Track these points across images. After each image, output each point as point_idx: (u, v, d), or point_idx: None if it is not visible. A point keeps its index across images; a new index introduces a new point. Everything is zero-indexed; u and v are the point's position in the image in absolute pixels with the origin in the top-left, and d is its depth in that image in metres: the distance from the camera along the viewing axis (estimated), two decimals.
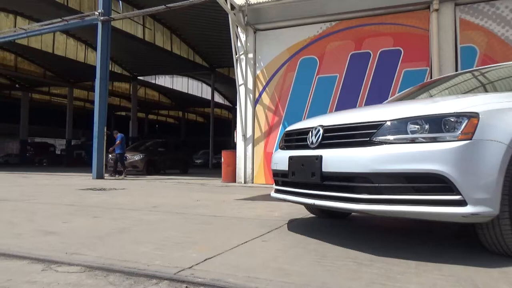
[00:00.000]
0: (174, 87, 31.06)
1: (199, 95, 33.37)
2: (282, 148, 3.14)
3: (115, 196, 5.53)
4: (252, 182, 8.58)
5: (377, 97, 7.32)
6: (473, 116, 2.04)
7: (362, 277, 1.75)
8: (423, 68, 7.41)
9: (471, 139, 1.98)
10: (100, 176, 10.21)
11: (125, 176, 11.20)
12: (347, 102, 7.78)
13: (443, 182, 1.96)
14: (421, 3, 7.40)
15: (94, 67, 10.78)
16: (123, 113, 37.57)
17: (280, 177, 3.01)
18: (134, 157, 13.17)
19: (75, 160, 26.67)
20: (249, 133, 8.75)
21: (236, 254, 2.18)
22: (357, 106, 7.72)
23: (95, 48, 16.93)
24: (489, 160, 1.98)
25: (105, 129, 10.51)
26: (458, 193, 1.93)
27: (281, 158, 2.89)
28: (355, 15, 7.98)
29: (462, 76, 3.77)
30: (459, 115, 2.06)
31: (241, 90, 8.82)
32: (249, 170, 8.65)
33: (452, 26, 7.23)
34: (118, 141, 11.57)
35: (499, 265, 1.95)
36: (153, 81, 29.57)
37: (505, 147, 2.00)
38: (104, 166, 10.49)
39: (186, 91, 32.10)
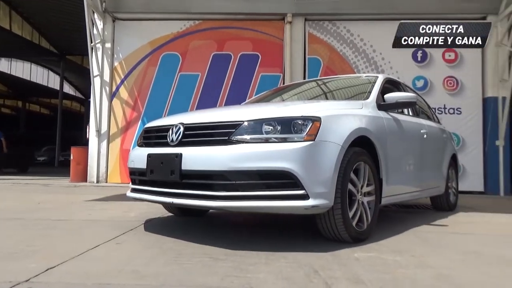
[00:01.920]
0: (12, 73, 26.64)
1: (45, 84, 29.39)
2: (140, 145, 3.01)
3: None
4: (106, 182, 8.00)
5: (237, 97, 7.65)
6: (316, 120, 2.31)
7: (217, 272, 1.80)
8: (277, 73, 8.07)
9: (314, 140, 2.25)
10: None
11: None
12: (208, 101, 7.92)
13: (290, 179, 2.17)
14: (277, 14, 8.05)
15: None
16: None
17: (137, 176, 2.88)
18: None
19: None
20: (104, 128, 8.12)
21: (85, 260, 1.99)
22: (217, 105, 7.94)
23: None
24: (327, 159, 2.28)
25: None
26: (302, 188, 2.17)
27: (139, 156, 2.77)
28: (219, 17, 8.19)
29: (309, 84, 4.25)
30: (305, 119, 2.31)
31: (96, 82, 8.12)
32: (102, 169, 8.03)
33: (302, 39, 8.07)
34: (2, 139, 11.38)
35: (333, 249, 2.27)
36: None
37: (339, 147, 2.33)
38: None
39: (28, 79, 27.87)
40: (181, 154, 2.39)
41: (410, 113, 3.81)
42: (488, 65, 7.79)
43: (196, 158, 2.35)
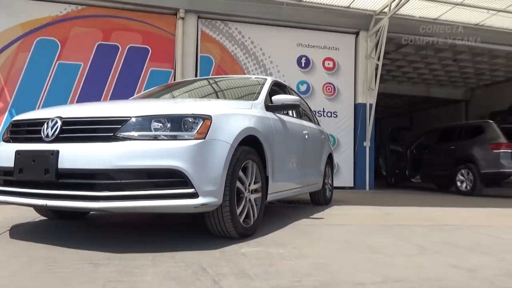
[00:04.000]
0: None
1: None
2: (6, 140, 2.63)
3: None
4: None
5: (124, 92, 7.22)
6: (207, 118, 2.32)
7: (98, 278, 1.68)
8: (168, 69, 7.85)
9: (204, 139, 2.25)
10: None
11: None
12: (91, 94, 7.30)
13: (180, 177, 2.14)
14: (169, 8, 7.83)
15: None
16: None
17: (1, 176, 2.51)
18: None
19: None
20: None
21: None
22: (102, 99, 7.39)
23: None
24: (217, 157, 2.31)
25: None
26: (192, 187, 2.16)
27: (5, 153, 2.43)
28: (105, 4, 7.59)
29: (201, 82, 4.25)
30: (196, 117, 2.30)
31: None
32: None
33: (194, 36, 8.00)
34: None
35: (221, 246, 2.31)
36: None
37: (229, 146, 2.39)
38: None
39: None
40: (57, 151, 2.16)
41: (294, 115, 4.09)
42: (359, 75, 8.82)
43: (76, 155, 2.16)
